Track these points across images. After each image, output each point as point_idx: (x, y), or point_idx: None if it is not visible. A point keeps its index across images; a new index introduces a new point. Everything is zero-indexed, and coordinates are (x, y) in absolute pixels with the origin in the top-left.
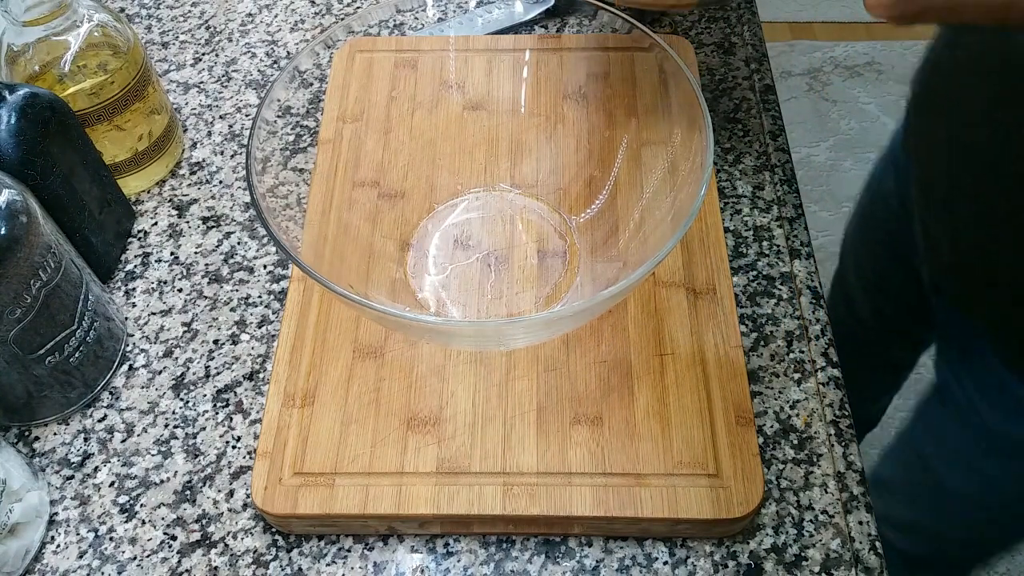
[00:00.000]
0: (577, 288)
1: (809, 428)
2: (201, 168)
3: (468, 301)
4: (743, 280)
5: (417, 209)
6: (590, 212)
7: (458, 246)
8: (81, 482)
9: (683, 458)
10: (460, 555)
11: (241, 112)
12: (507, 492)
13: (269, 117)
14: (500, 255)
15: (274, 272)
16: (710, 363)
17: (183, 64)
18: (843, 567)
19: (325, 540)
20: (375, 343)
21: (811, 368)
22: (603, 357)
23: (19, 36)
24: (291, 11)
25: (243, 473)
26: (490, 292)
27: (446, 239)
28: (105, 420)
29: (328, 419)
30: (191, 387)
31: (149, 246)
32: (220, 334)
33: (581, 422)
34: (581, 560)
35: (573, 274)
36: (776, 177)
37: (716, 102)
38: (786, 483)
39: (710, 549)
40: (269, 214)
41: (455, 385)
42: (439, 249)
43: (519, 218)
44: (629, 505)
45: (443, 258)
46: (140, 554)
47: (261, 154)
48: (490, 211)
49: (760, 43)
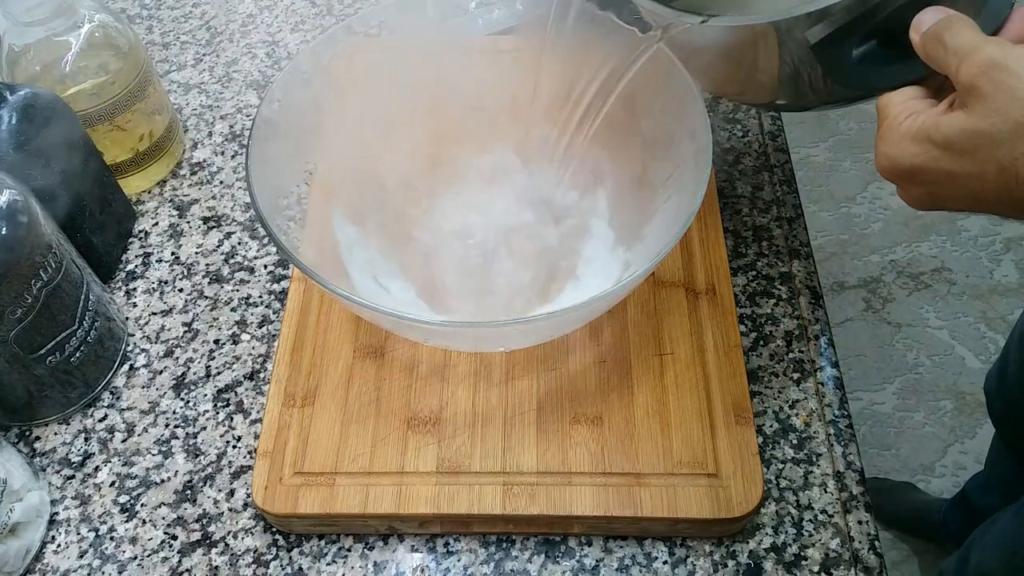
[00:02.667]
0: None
1: (808, 428)
2: (202, 168)
3: (466, 292)
4: (743, 280)
5: (416, 203)
6: (590, 211)
7: (458, 239)
8: (82, 482)
9: (683, 458)
10: (460, 555)
11: (242, 112)
12: (507, 492)
13: (270, 117)
14: (499, 245)
15: (274, 272)
16: (710, 363)
17: (184, 64)
18: (842, 566)
19: (325, 540)
20: (375, 343)
21: (810, 368)
22: (603, 357)
23: (20, 36)
24: (292, 12)
25: (243, 473)
26: (490, 285)
27: (446, 231)
28: (106, 420)
29: (328, 419)
30: (192, 387)
31: (150, 246)
32: (221, 334)
33: (581, 422)
34: (581, 560)
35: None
36: (776, 177)
37: (716, 102)
38: (785, 483)
39: (710, 549)
40: (269, 214)
41: (455, 385)
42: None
43: (518, 214)
44: (629, 505)
45: (444, 250)
46: (140, 554)
47: (261, 154)
48: (490, 208)
49: None
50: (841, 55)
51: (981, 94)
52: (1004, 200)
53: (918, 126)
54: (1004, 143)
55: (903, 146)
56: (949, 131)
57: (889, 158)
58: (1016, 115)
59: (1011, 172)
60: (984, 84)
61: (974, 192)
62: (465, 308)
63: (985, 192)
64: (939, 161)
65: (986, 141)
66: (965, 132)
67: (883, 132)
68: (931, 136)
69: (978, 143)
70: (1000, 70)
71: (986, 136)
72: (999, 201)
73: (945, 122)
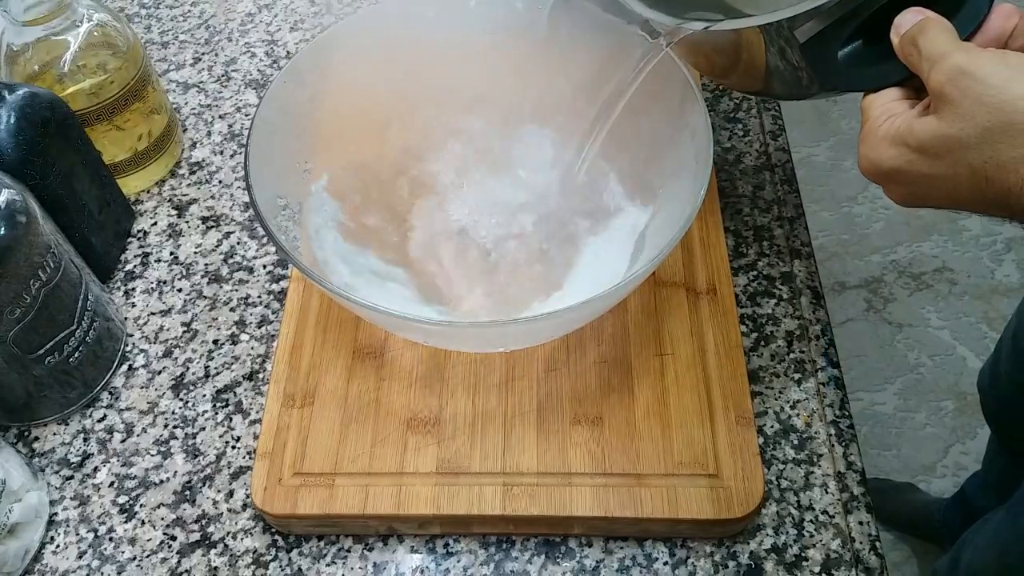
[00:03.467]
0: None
1: (809, 428)
2: (201, 168)
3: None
4: (743, 280)
5: (414, 197)
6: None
7: (457, 233)
8: (81, 482)
9: (683, 458)
10: (460, 555)
11: (241, 112)
12: (507, 492)
13: (269, 117)
14: (498, 240)
15: (274, 272)
16: (710, 363)
17: (183, 64)
18: (843, 567)
19: (325, 540)
20: (375, 343)
21: (811, 368)
22: (603, 357)
23: (19, 36)
24: (291, 11)
25: (243, 473)
26: (490, 280)
27: (445, 229)
28: (105, 420)
29: (328, 419)
30: (191, 387)
31: (149, 246)
32: (220, 334)
33: (581, 422)
34: (581, 560)
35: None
36: (776, 177)
37: (716, 102)
38: (786, 483)
39: (710, 549)
40: (268, 214)
41: (455, 385)
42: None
43: (518, 210)
44: (629, 505)
45: (443, 247)
46: (140, 554)
47: (261, 154)
48: (490, 206)
49: None
50: (828, 55)
51: (949, 100)
52: (978, 200)
53: (895, 130)
54: (973, 147)
55: (881, 149)
56: (922, 135)
57: (869, 160)
58: (982, 121)
59: (981, 175)
60: (952, 91)
61: (950, 193)
62: (465, 306)
63: (960, 193)
64: (915, 164)
65: (956, 145)
66: (936, 137)
67: (864, 135)
68: (906, 140)
69: (949, 147)
70: (967, 77)
71: (956, 141)
72: (973, 201)
73: (919, 126)
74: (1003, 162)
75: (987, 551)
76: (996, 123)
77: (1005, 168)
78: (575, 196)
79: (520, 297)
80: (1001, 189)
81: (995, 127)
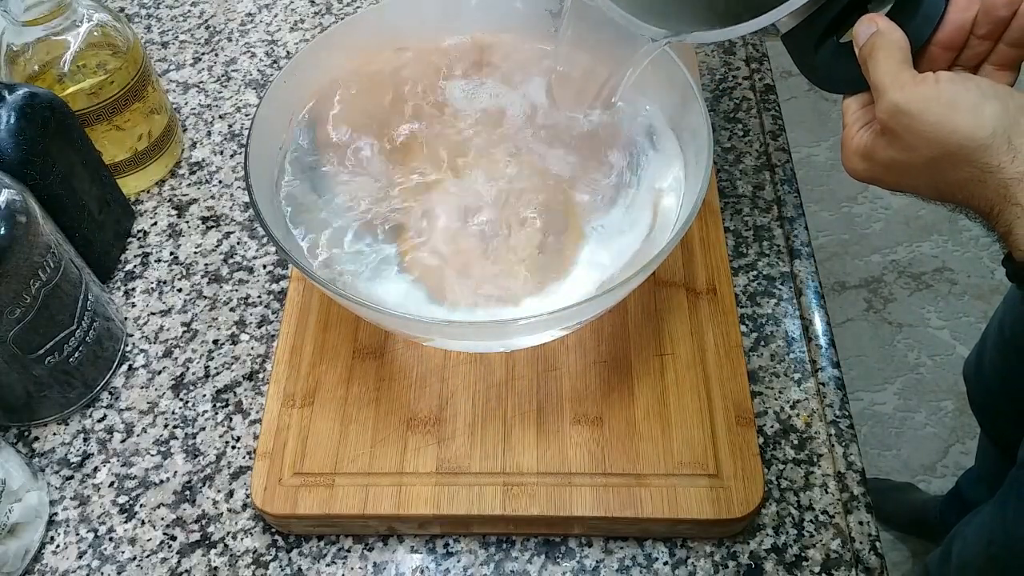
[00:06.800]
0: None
1: (809, 428)
2: (201, 168)
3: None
4: (743, 280)
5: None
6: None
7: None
8: (81, 482)
9: (683, 458)
10: (460, 555)
11: (241, 112)
12: (507, 492)
13: (269, 116)
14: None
15: (274, 272)
16: (710, 363)
17: (183, 64)
18: (843, 567)
19: (325, 540)
20: (375, 343)
21: (811, 368)
22: (603, 357)
23: (19, 36)
24: (291, 11)
25: (243, 473)
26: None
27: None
28: (105, 420)
29: (328, 419)
30: (191, 387)
31: (148, 246)
32: (220, 334)
33: (581, 422)
34: (581, 560)
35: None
36: (776, 177)
37: (716, 102)
38: (786, 483)
39: (710, 549)
40: (268, 214)
41: (455, 385)
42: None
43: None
44: (629, 505)
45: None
46: (140, 554)
47: (260, 154)
48: (489, 205)
49: (760, 43)
50: (806, 51)
51: (894, 134)
52: (947, 202)
53: (863, 145)
54: (923, 172)
55: (854, 161)
56: (882, 156)
57: (848, 169)
58: (925, 153)
59: (938, 189)
60: (894, 126)
61: (922, 195)
62: (464, 304)
63: (931, 196)
64: (884, 176)
65: (909, 167)
66: (892, 159)
67: (843, 141)
68: (871, 156)
69: (904, 169)
70: (904, 115)
71: (908, 165)
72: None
73: (879, 148)
74: (950, 182)
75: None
76: (938, 153)
77: (952, 186)
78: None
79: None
80: (953, 200)
81: (938, 156)
